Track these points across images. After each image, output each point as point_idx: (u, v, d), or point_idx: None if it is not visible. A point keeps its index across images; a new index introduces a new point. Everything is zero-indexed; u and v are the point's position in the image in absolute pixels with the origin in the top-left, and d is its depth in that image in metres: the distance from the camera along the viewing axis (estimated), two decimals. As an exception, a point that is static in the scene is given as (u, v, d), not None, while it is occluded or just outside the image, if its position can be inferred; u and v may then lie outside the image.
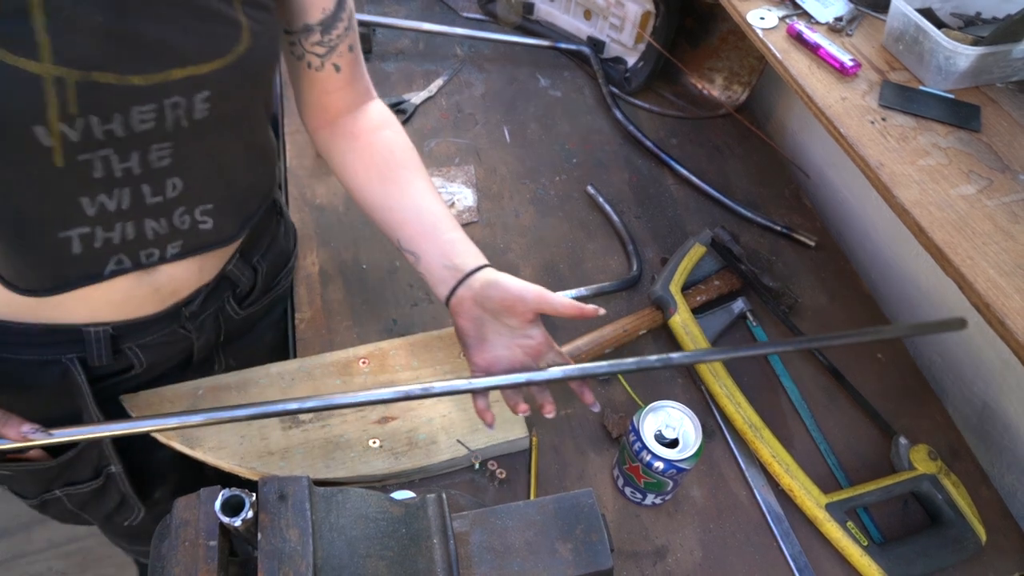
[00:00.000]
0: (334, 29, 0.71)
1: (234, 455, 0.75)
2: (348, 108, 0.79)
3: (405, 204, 0.77)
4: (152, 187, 0.63)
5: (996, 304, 0.66)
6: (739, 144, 1.20)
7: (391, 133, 0.79)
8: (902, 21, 0.86)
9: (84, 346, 0.72)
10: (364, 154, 0.78)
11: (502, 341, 0.74)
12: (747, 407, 0.84)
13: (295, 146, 1.13)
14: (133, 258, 0.67)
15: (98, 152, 0.57)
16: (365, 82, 0.80)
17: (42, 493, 0.80)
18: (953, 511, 0.77)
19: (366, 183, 0.78)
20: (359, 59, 0.77)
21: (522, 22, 1.36)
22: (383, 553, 0.56)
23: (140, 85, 0.56)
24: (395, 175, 0.78)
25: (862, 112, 0.83)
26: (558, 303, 0.71)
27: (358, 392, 0.69)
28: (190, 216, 0.68)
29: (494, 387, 0.72)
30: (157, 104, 0.57)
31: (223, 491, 0.51)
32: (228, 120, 0.64)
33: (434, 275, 0.75)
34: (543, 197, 1.10)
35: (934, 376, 0.95)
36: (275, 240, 0.88)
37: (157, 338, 0.77)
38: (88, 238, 0.63)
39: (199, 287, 0.77)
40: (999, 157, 0.79)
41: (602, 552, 0.60)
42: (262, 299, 0.88)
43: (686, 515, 0.79)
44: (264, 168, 0.78)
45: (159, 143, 0.60)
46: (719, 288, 0.97)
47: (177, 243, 0.69)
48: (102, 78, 0.54)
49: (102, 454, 0.77)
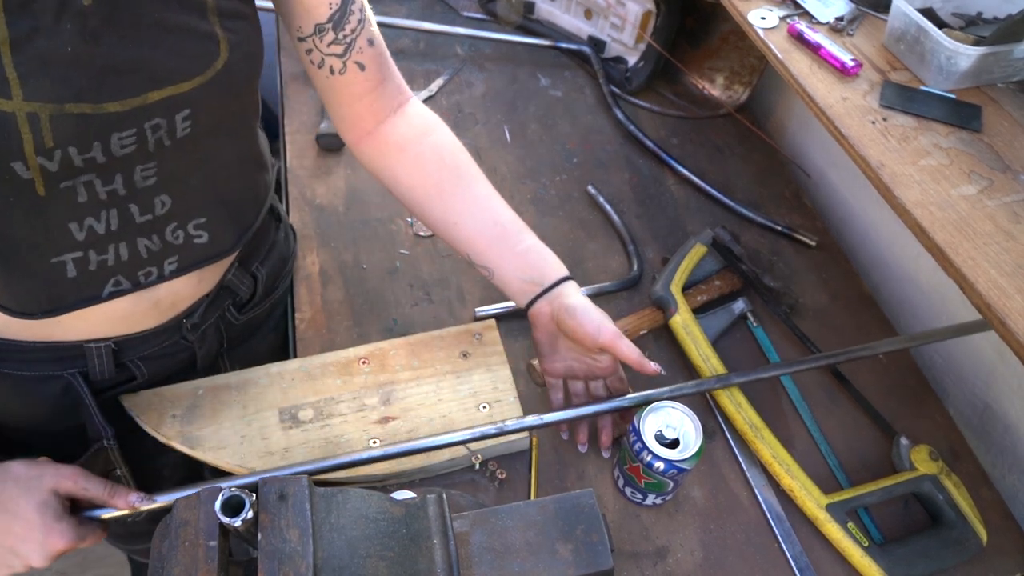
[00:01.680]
0: (347, 23, 0.67)
1: (234, 455, 0.75)
2: (384, 113, 0.75)
3: (469, 217, 0.75)
4: (140, 206, 0.62)
5: (997, 305, 0.66)
6: (740, 144, 1.20)
7: (438, 137, 0.76)
8: (903, 21, 0.86)
9: (86, 361, 0.72)
10: (415, 168, 0.75)
11: (572, 355, 0.78)
12: (748, 407, 0.84)
13: (295, 146, 1.13)
14: (131, 279, 0.66)
15: (80, 178, 0.56)
16: (396, 81, 0.75)
17: None
18: (954, 512, 0.77)
19: (424, 199, 0.76)
20: (383, 55, 0.72)
21: (523, 21, 1.36)
22: (383, 553, 0.55)
23: (117, 111, 0.54)
24: (452, 186, 0.75)
25: (863, 112, 0.83)
26: (625, 351, 0.73)
27: (443, 434, 0.74)
28: (183, 231, 0.67)
29: (559, 421, 0.77)
30: (137, 128, 0.56)
31: (223, 491, 0.51)
32: (212, 133, 0.63)
33: (511, 287, 0.76)
34: (543, 197, 1.10)
35: (935, 377, 0.95)
36: (274, 246, 0.87)
37: (159, 350, 0.77)
38: (82, 262, 0.62)
39: (199, 299, 0.76)
40: (1000, 157, 0.78)
41: (602, 552, 0.60)
42: (263, 303, 0.88)
43: (687, 515, 0.79)
44: (258, 174, 0.76)
45: (143, 164, 0.59)
46: (720, 288, 0.97)
47: (173, 259, 0.68)
48: (76, 109, 0.52)
49: (109, 461, 0.77)
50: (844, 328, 0.97)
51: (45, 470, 0.66)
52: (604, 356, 0.76)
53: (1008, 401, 0.85)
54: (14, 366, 0.70)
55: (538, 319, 0.75)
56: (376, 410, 0.80)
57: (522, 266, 0.75)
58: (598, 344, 0.73)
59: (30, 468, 0.66)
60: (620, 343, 0.73)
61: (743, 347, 0.94)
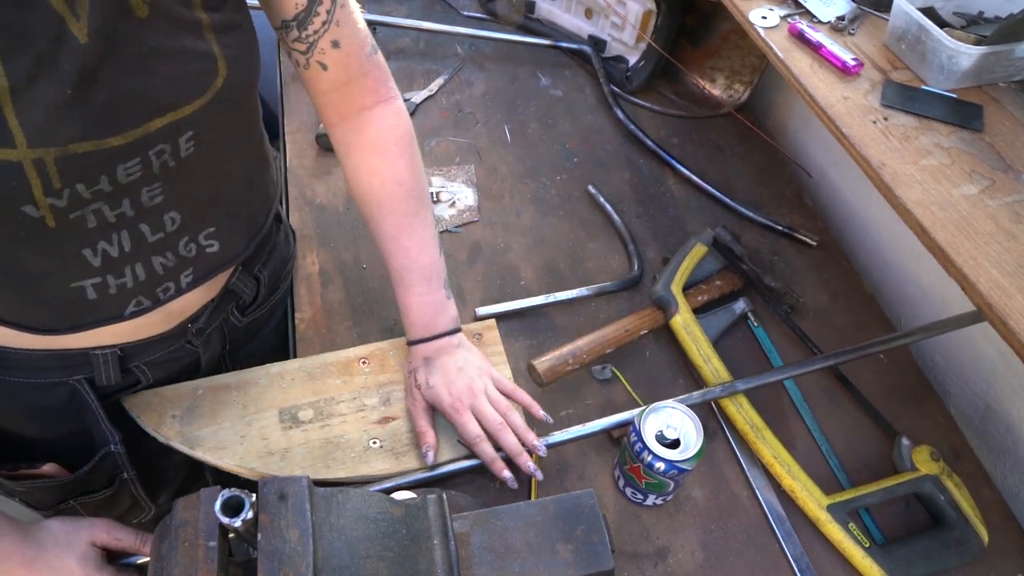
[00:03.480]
0: (309, 24, 0.67)
1: (234, 455, 0.75)
2: (348, 112, 0.76)
3: (379, 243, 0.79)
4: (150, 225, 0.62)
5: (999, 304, 0.66)
6: (740, 143, 1.20)
7: (378, 161, 0.77)
8: (904, 20, 0.86)
9: (92, 368, 0.72)
10: (354, 173, 0.78)
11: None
12: (748, 407, 0.83)
13: (295, 146, 1.13)
14: (151, 297, 0.67)
15: (88, 208, 0.57)
16: (369, 83, 0.75)
17: (57, 504, 0.80)
18: (955, 512, 0.77)
19: (357, 200, 0.80)
20: (351, 57, 0.71)
21: (523, 21, 1.36)
22: (383, 554, 0.55)
23: (120, 145, 0.54)
24: (371, 211, 0.78)
25: (864, 112, 0.83)
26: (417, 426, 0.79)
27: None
28: (195, 244, 0.68)
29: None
30: (141, 156, 0.56)
31: (223, 491, 0.51)
32: (215, 147, 0.63)
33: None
34: (544, 196, 1.10)
35: (936, 377, 0.95)
36: (276, 248, 0.87)
37: (164, 355, 0.77)
38: (101, 287, 0.63)
39: (205, 303, 0.77)
40: (1001, 157, 0.78)
41: (603, 553, 0.60)
42: (265, 304, 0.88)
43: (687, 516, 0.79)
44: (264, 174, 0.77)
45: (148, 186, 0.59)
46: (720, 288, 0.96)
47: (188, 272, 0.69)
48: (80, 148, 0.52)
49: (116, 463, 0.77)
50: (845, 328, 0.96)
51: (80, 524, 0.69)
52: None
53: (1009, 401, 0.85)
54: (21, 374, 0.71)
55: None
56: (376, 410, 0.80)
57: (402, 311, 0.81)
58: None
59: (66, 524, 0.69)
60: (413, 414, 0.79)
61: (744, 347, 0.94)
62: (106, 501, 0.82)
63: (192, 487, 0.96)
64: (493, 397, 0.77)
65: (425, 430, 0.77)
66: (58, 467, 0.76)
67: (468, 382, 0.77)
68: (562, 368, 0.84)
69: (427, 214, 0.79)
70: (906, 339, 0.87)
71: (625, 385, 0.89)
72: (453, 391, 0.76)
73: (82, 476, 0.76)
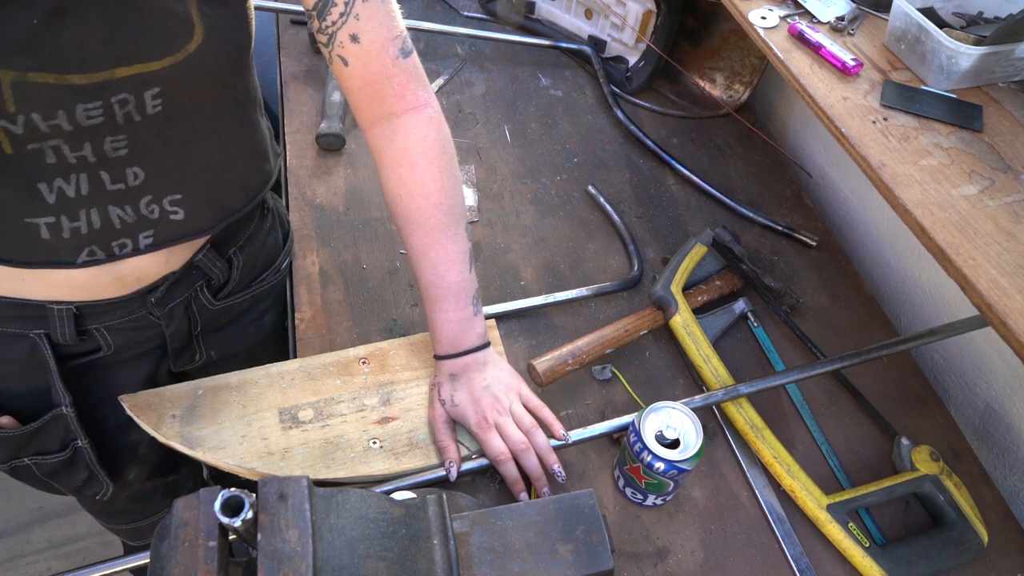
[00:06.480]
0: (327, 15, 0.67)
1: (234, 455, 0.75)
2: (377, 115, 0.73)
3: (410, 255, 0.78)
4: (111, 175, 0.63)
5: (998, 305, 0.66)
6: (740, 144, 1.20)
7: (406, 173, 0.74)
8: (904, 21, 0.86)
9: (48, 323, 0.73)
10: (385, 184, 0.77)
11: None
12: (748, 408, 0.83)
13: (295, 146, 1.13)
14: (105, 249, 0.68)
15: (47, 142, 0.58)
16: (395, 87, 0.71)
17: (12, 459, 0.81)
18: (955, 512, 0.77)
19: (389, 210, 0.79)
20: (372, 54, 0.69)
21: (523, 21, 1.36)
22: (383, 554, 0.55)
23: (82, 84, 0.56)
24: (400, 224, 0.77)
25: (864, 112, 0.83)
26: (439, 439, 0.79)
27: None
28: (158, 206, 0.68)
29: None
30: (103, 101, 0.58)
31: (223, 492, 0.51)
32: (188, 114, 0.64)
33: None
34: (544, 197, 1.10)
35: (936, 377, 0.95)
36: (255, 235, 0.87)
37: (124, 322, 0.77)
38: (55, 227, 0.64)
39: (164, 275, 0.77)
40: (1001, 157, 0.78)
41: (603, 553, 0.60)
42: (243, 293, 0.88)
43: (687, 516, 0.79)
44: (252, 164, 0.77)
45: (112, 135, 0.60)
46: (720, 288, 0.96)
47: (148, 233, 0.69)
48: (39, 78, 0.54)
49: (68, 428, 0.78)
50: (845, 328, 0.96)
51: None
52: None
53: (1009, 401, 0.85)
54: None
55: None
56: (376, 410, 0.80)
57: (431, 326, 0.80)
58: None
59: None
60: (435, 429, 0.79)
61: (744, 347, 0.94)
62: (61, 466, 0.82)
63: (169, 472, 0.97)
64: (517, 414, 0.77)
65: (447, 444, 0.77)
66: (13, 420, 0.77)
67: (493, 401, 0.77)
68: (562, 368, 0.84)
69: (457, 229, 0.76)
70: (911, 343, 0.87)
71: (625, 385, 0.89)
72: (479, 409, 0.77)
73: (31, 432, 0.77)
